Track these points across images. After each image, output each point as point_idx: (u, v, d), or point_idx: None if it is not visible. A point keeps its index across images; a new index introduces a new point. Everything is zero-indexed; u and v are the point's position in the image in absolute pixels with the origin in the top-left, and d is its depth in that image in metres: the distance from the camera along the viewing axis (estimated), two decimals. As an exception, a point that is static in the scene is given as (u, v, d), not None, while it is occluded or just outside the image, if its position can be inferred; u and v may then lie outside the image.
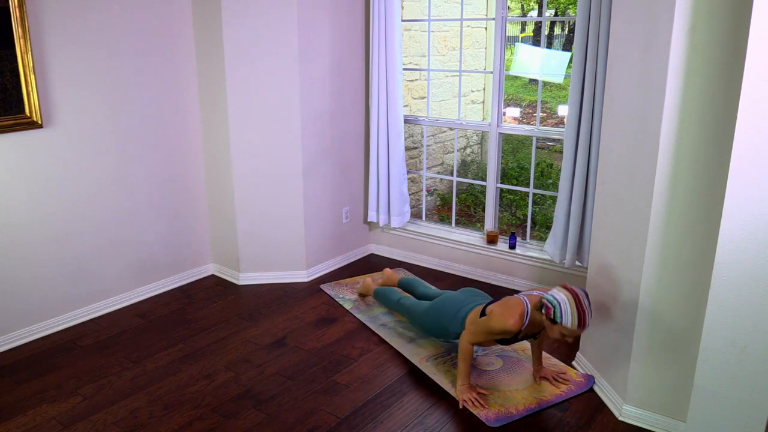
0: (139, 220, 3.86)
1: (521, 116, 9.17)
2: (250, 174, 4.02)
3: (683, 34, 2.24)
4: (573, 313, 2.49)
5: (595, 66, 3.33)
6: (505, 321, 2.65)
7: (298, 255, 4.21)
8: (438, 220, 5.27)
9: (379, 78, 4.18)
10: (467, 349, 2.82)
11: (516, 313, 2.66)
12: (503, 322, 2.66)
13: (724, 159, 2.17)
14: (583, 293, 2.54)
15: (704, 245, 2.32)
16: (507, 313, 2.68)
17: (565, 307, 2.50)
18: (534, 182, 4.12)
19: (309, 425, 2.69)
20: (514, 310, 2.68)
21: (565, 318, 2.49)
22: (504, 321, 2.65)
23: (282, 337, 3.46)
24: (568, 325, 2.50)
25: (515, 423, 2.70)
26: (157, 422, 2.72)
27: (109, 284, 3.77)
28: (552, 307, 2.52)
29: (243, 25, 3.76)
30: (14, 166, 3.24)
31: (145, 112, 3.77)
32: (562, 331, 2.53)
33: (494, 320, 2.69)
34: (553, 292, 2.56)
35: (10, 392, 2.94)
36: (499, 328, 2.68)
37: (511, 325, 2.64)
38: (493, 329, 2.70)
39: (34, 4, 3.16)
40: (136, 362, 3.21)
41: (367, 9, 4.27)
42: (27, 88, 3.16)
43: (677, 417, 2.58)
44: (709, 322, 2.24)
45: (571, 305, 2.49)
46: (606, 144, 2.85)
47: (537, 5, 11.09)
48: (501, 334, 2.71)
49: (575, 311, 2.49)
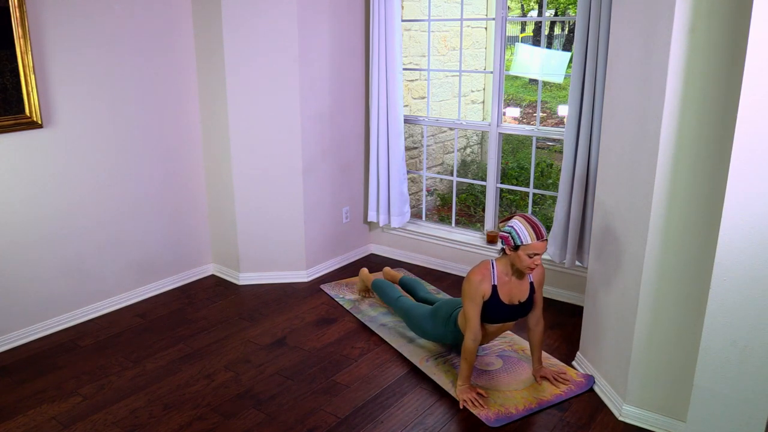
0: (139, 220, 3.86)
1: (521, 116, 9.17)
2: (250, 174, 4.02)
3: (683, 34, 2.24)
4: (527, 229, 2.65)
5: (595, 66, 3.33)
6: (470, 275, 2.81)
7: (298, 255, 4.21)
8: (438, 220, 5.27)
9: (379, 78, 4.18)
10: (470, 349, 2.82)
11: (479, 267, 2.83)
12: (468, 277, 2.81)
13: (724, 159, 2.17)
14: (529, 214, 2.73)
15: (704, 245, 2.32)
16: (475, 270, 2.83)
17: (519, 227, 2.67)
18: (534, 182, 4.12)
19: (309, 425, 2.69)
20: (478, 265, 2.85)
21: (522, 236, 2.65)
22: (469, 276, 2.81)
23: (282, 337, 3.46)
24: (529, 241, 2.65)
25: (515, 423, 2.70)
26: (157, 422, 2.72)
27: (109, 284, 3.77)
28: (508, 234, 2.69)
29: (243, 25, 3.76)
30: (14, 166, 3.24)
31: (146, 112, 3.77)
32: (526, 252, 2.66)
33: (467, 284, 2.81)
34: (507, 222, 2.75)
35: (10, 392, 2.94)
36: (467, 286, 2.79)
37: (474, 276, 2.78)
38: (466, 292, 2.80)
39: (34, 4, 3.16)
40: (136, 362, 3.21)
41: (367, 9, 4.27)
42: (27, 88, 3.16)
43: (677, 417, 2.58)
44: (709, 322, 2.24)
45: (523, 223, 2.67)
46: (606, 144, 2.85)
47: (537, 5, 11.09)
48: (475, 293, 2.78)
49: (528, 225, 2.67)
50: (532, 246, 2.64)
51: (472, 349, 2.82)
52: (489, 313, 2.83)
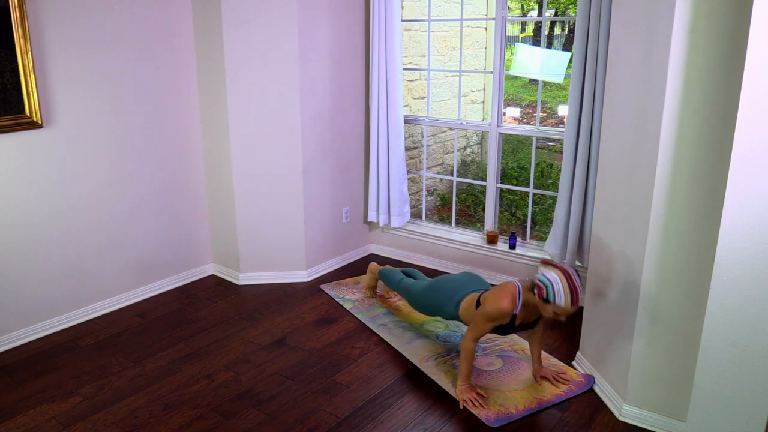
0: (139, 220, 3.86)
1: (521, 116, 9.17)
2: (250, 174, 4.02)
3: (683, 34, 2.24)
4: (565, 292, 2.51)
5: (595, 66, 3.33)
6: (499, 302, 2.70)
7: (298, 255, 4.21)
8: (438, 220, 5.27)
9: (379, 78, 4.18)
10: (469, 349, 2.82)
11: (509, 295, 2.71)
12: (497, 304, 2.70)
13: (724, 159, 2.17)
14: (573, 270, 2.57)
15: (704, 245, 2.32)
16: (500, 295, 2.73)
17: (557, 287, 2.52)
18: (534, 182, 4.12)
19: (309, 425, 2.69)
20: (507, 292, 2.73)
21: (558, 297, 2.52)
22: (498, 303, 2.70)
23: (282, 337, 3.46)
24: (561, 304, 2.53)
25: (515, 423, 2.70)
26: (157, 422, 2.72)
27: (109, 284, 3.77)
28: (544, 287, 2.55)
29: (243, 25, 3.76)
30: (14, 166, 3.24)
31: (146, 112, 3.77)
32: (555, 310, 2.56)
33: (489, 304, 2.74)
34: (544, 272, 2.58)
35: (10, 392, 2.94)
36: (494, 311, 2.71)
37: (505, 306, 2.68)
38: (490, 314, 2.73)
39: (34, 4, 3.16)
40: (136, 362, 3.21)
41: (367, 9, 4.27)
42: (27, 88, 3.16)
43: (677, 417, 2.58)
44: (709, 322, 2.24)
45: (563, 284, 2.52)
46: (606, 144, 2.85)
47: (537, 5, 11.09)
48: (498, 318, 2.73)
49: (567, 290, 2.51)
50: (563, 308, 2.54)
51: (472, 349, 2.82)
52: (499, 330, 2.84)
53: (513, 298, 2.70)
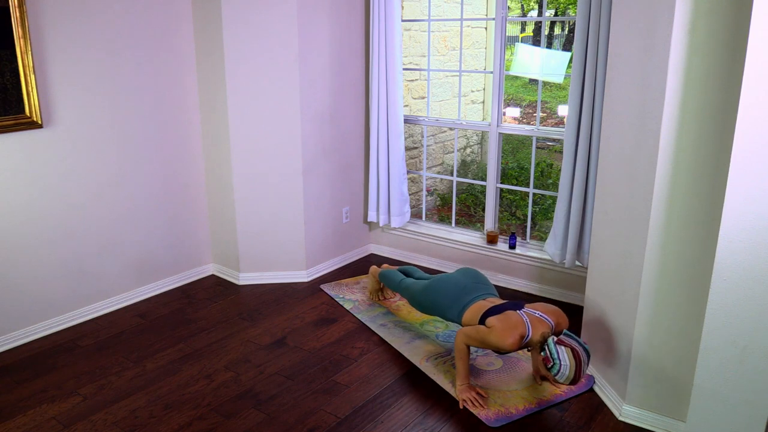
0: (139, 220, 3.86)
1: (521, 116, 9.17)
2: (250, 174, 4.02)
3: (683, 34, 2.24)
4: (569, 376, 2.55)
5: (595, 66, 3.33)
6: (504, 340, 2.66)
7: (298, 255, 4.21)
8: (438, 220, 5.27)
9: (379, 78, 4.18)
10: (463, 349, 2.82)
11: (516, 335, 2.67)
12: (502, 340, 2.67)
13: (724, 159, 2.17)
14: (586, 356, 2.56)
15: (704, 245, 2.32)
16: (507, 332, 2.67)
17: (564, 369, 2.53)
18: (534, 182, 4.12)
19: (309, 425, 2.69)
20: (515, 330, 2.68)
21: (560, 377, 2.56)
22: (503, 340, 2.67)
23: (282, 337, 3.46)
24: (559, 382, 2.58)
25: (515, 423, 2.70)
26: (157, 422, 2.72)
27: (109, 284, 3.77)
28: (552, 362, 2.56)
29: (243, 25, 3.76)
30: (14, 166, 3.24)
31: (146, 111, 3.77)
32: (548, 376, 2.61)
33: (493, 336, 2.70)
34: (558, 349, 2.55)
35: (10, 392, 2.94)
36: (496, 344, 2.69)
37: (509, 345, 2.66)
38: (490, 343, 2.71)
39: (34, 4, 3.16)
40: (136, 362, 3.21)
41: (367, 9, 4.27)
42: (27, 88, 3.16)
43: (677, 417, 2.58)
44: (709, 322, 2.24)
45: (571, 369, 2.53)
46: (606, 144, 2.85)
47: (537, 5, 11.09)
48: (496, 348, 2.73)
49: (571, 375, 2.55)
50: (557, 383, 2.59)
51: (465, 349, 2.83)
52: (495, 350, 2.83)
53: (520, 337, 2.67)
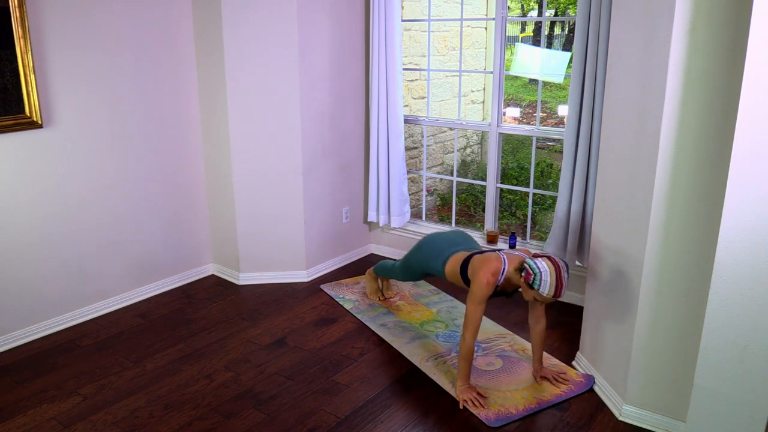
0: (139, 220, 3.86)
1: (521, 116, 9.18)
2: (250, 174, 4.02)
3: (683, 34, 2.24)
4: (552, 284, 2.58)
5: (595, 66, 3.33)
6: (482, 282, 2.78)
7: (298, 255, 4.21)
8: (438, 220, 5.27)
9: (379, 78, 4.18)
10: (469, 348, 2.82)
11: (491, 271, 2.77)
12: (480, 285, 2.78)
13: (724, 159, 2.17)
14: (564, 265, 2.63)
15: (704, 245, 2.32)
16: (483, 272, 2.79)
17: (545, 277, 2.59)
18: (534, 182, 4.12)
19: (309, 425, 2.69)
20: (490, 267, 2.79)
21: (543, 287, 2.59)
22: (481, 283, 2.78)
23: (282, 337, 3.46)
24: (544, 294, 2.61)
25: (515, 423, 2.70)
26: (157, 422, 2.72)
27: (109, 284, 3.77)
28: (533, 274, 2.61)
29: (243, 25, 3.76)
30: (14, 166, 3.24)
31: (145, 111, 3.77)
32: (536, 296, 2.64)
33: (474, 285, 2.82)
34: (536, 260, 2.63)
35: (10, 392, 2.94)
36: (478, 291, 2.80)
37: (487, 285, 2.77)
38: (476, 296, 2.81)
39: (34, 4, 3.16)
40: (136, 362, 3.21)
41: (367, 9, 4.27)
42: (27, 88, 3.16)
43: (677, 417, 2.58)
44: (709, 322, 2.24)
45: (551, 276, 2.58)
46: (606, 144, 2.85)
47: (537, 5, 11.09)
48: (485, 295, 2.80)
49: (554, 282, 2.58)
50: (543, 297, 2.62)
51: (472, 348, 2.82)
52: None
53: (496, 273, 2.77)
